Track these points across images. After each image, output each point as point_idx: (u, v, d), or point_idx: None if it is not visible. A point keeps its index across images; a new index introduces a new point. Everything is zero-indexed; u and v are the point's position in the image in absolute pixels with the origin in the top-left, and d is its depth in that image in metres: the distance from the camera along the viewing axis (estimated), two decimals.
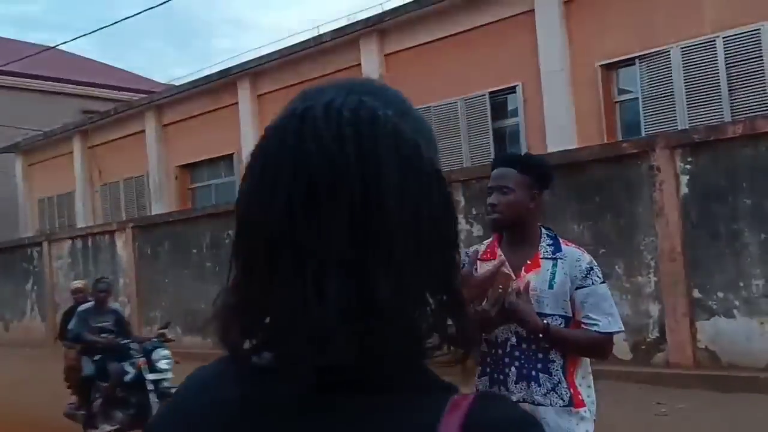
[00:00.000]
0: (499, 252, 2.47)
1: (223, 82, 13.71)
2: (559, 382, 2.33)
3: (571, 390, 2.35)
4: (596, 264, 2.44)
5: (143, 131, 15.73)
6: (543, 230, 2.49)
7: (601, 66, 9.46)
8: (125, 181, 16.57)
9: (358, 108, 0.60)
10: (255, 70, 13.34)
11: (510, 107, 10.72)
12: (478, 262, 2.50)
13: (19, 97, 27.84)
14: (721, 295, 6.73)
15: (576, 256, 2.41)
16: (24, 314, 15.53)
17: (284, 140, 0.60)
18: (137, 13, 11.51)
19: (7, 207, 20.39)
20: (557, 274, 2.37)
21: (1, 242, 16.80)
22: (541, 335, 2.28)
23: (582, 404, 2.36)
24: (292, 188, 0.57)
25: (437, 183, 0.62)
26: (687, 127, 8.17)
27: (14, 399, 8.58)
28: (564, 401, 2.32)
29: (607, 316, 2.37)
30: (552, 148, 8.88)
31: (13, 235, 18.16)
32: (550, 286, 2.35)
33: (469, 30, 10.60)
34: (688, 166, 6.97)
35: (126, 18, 13.14)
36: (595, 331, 2.35)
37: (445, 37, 10.88)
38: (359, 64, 11.85)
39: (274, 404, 0.59)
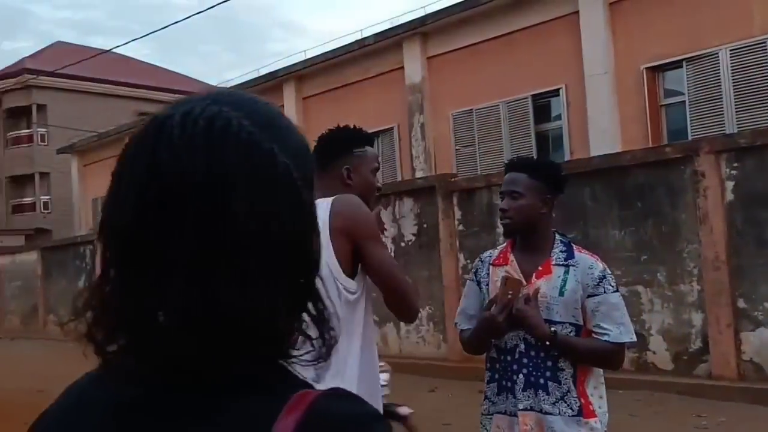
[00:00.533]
0: (511, 257, 2.45)
1: (270, 84, 13.92)
2: (569, 391, 2.28)
3: (582, 400, 2.30)
4: (610, 272, 2.39)
5: None
6: (557, 236, 2.45)
7: (647, 69, 9.26)
8: None
9: (213, 118, 0.61)
10: (300, 73, 13.51)
11: (553, 110, 10.60)
12: (491, 267, 2.49)
13: (79, 100, 28.89)
14: (767, 305, 6.50)
15: (589, 263, 2.36)
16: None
17: (142, 146, 0.61)
18: (188, 17, 11.73)
19: (65, 206, 21.17)
20: (569, 281, 2.33)
21: (56, 240, 17.40)
22: (548, 343, 2.25)
23: (592, 415, 2.31)
24: (143, 194, 0.59)
25: (293, 195, 0.62)
26: (735, 131, 7.92)
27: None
28: (573, 411, 2.28)
29: (618, 325, 2.31)
30: (595, 152, 8.74)
31: (69, 234, 18.81)
32: (561, 293, 2.32)
33: (512, 32, 10.52)
34: (733, 172, 6.75)
35: (176, 22, 13.51)
36: (605, 341, 2.31)
37: (488, 39, 10.82)
38: (402, 67, 11.89)
39: (126, 404, 0.61)
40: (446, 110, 11.49)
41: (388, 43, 11.96)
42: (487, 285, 2.47)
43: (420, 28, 11.58)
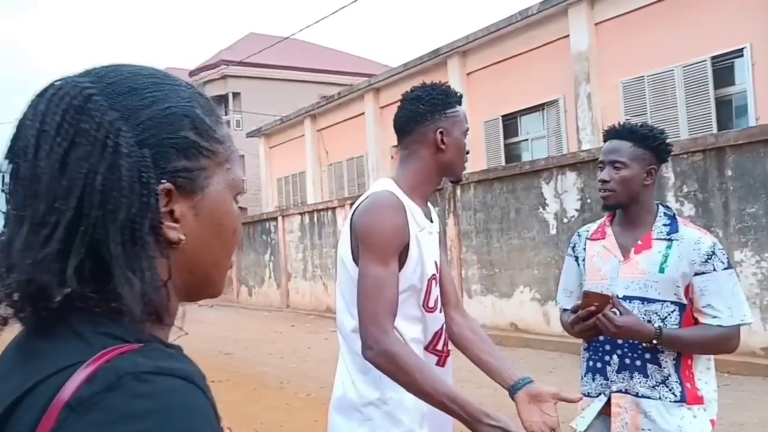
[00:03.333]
0: (608, 231, 2.31)
1: (434, 62, 13.97)
2: (669, 375, 2.12)
3: (688, 384, 2.13)
4: (721, 248, 2.16)
5: (363, 114, 16.67)
6: (660, 208, 2.26)
7: None
8: (348, 161, 17.73)
9: (62, 86, 0.69)
10: (463, 49, 13.41)
11: (736, 72, 9.57)
12: (588, 241, 2.36)
13: (268, 86, 31.01)
14: None
15: (695, 237, 2.15)
16: (263, 281, 17.38)
17: (25, 108, 0.71)
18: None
19: (255, 186, 22.95)
20: (671, 257, 2.14)
21: (245, 217, 18.93)
22: (654, 342, 2.08)
23: (699, 400, 2.13)
24: (13, 147, 0.69)
25: (116, 158, 0.67)
26: None
27: (247, 355, 9.73)
28: (675, 396, 2.11)
29: (730, 307, 2.10)
30: None
31: (257, 211, 20.38)
32: (661, 270, 2.14)
33: None
34: None
35: (343, 7, 13.92)
36: (717, 325, 2.10)
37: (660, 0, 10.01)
38: (567, 36, 11.37)
39: (14, 344, 0.71)
40: (615, 78, 10.82)
41: (552, 11, 11.47)
42: (584, 260, 2.35)
43: None
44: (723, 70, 9.65)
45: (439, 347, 1.99)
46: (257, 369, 8.51)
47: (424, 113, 1.95)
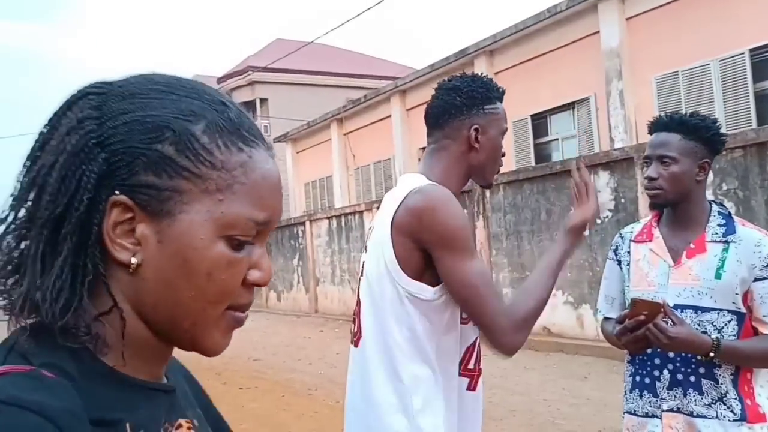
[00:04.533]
0: (656, 233, 2.11)
1: (461, 62, 13.78)
2: (727, 392, 1.92)
3: (748, 401, 1.93)
4: None
5: (390, 116, 16.53)
6: (714, 207, 2.06)
7: None
8: (375, 164, 17.61)
9: (69, 95, 0.69)
10: (491, 48, 13.20)
11: None
12: (632, 244, 2.17)
13: (295, 91, 31.14)
14: None
15: (755, 239, 1.95)
16: (292, 286, 17.33)
17: None
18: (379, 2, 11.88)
19: (284, 190, 23.04)
20: (728, 261, 1.94)
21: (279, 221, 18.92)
22: (712, 354, 1.88)
23: (761, 418, 1.92)
24: None
25: (60, 153, 0.64)
26: None
27: (275, 361, 9.67)
28: (735, 414, 1.91)
29: None
30: None
31: (285, 216, 20.37)
32: (718, 276, 1.94)
33: None
34: None
35: (368, 8, 13.90)
36: None
37: None
38: (597, 32, 11.09)
39: None
40: (648, 74, 10.51)
41: (582, 7, 11.21)
42: (628, 264, 2.16)
43: None
44: (762, 62, 9.30)
45: (471, 365, 1.75)
46: (286, 376, 8.43)
47: (461, 106, 1.75)
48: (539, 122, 12.78)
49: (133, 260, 0.64)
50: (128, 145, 0.64)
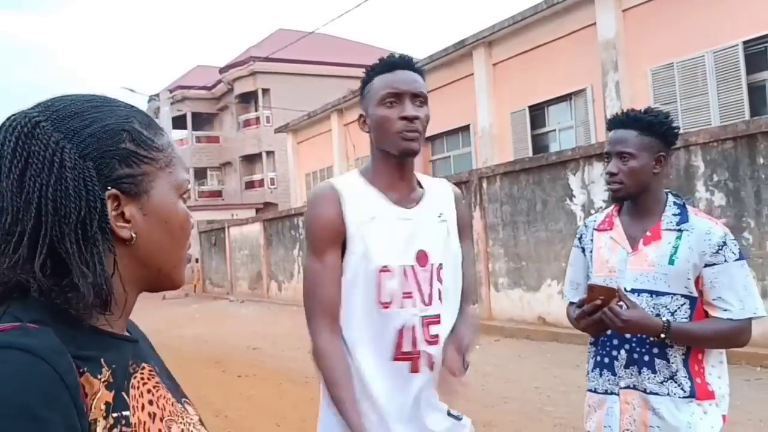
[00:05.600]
0: (616, 222, 2.23)
1: (459, 53, 13.85)
2: (678, 371, 2.04)
3: (698, 379, 2.04)
4: (732, 238, 2.07)
5: None
6: (670, 197, 2.18)
7: None
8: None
9: (14, 117, 0.82)
10: (489, 39, 13.26)
11: None
12: (595, 232, 2.29)
13: (297, 82, 31.14)
14: None
15: (706, 227, 2.06)
16: (292, 276, 17.47)
17: None
18: None
19: (284, 181, 23.10)
20: (680, 248, 2.06)
21: (274, 213, 19.03)
22: (663, 336, 2.00)
23: (709, 395, 2.04)
24: None
25: (62, 171, 0.79)
26: None
27: (275, 350, 9.79)
28: (684, 391, 2.03)
29: (741, 299, 2.01)
30: None
31: (286, 206, 20.49)
32: (671, 262, 2.05)
33: None
34: None
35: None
36: (727, 318, 2.02)
37: None
38: (594, 24, 11.17)
39: None
40: (643, 66, 10.59)
41: None
42: (591, 252, 2.27)
43: None
44: (756, 55, 9.37)
45: (407, 348, 1.73)
46: (284, 364, 8.55)
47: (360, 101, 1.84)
48: (537, 113, 12.86)
49: (133, 234, 0.84)
50: (103, 150, 0.82)
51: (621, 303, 2.01)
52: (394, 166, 1.77)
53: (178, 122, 34.18)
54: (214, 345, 10.64)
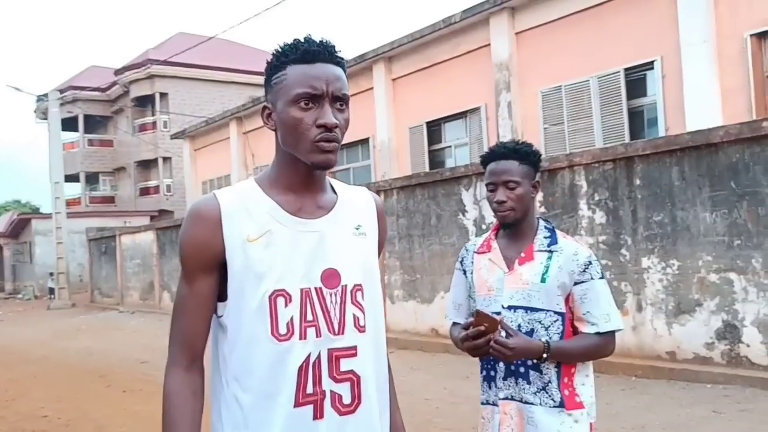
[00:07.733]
0: (494, 245, 2.36)
1: (360, 67, 14.00)
2: (550, 381, 2.18)
3: (567, 391, 2.19)
4: (596, 259, 2.26)
5: None
6: (541, 222, 2.34)
7: (753, 36, 8.49)
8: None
9: None
10: (389, 54, 13.49)
11: (648, 84, 9.98)
12: (475, 255, 2.41)
13: (197, 87, 30.43)
14: None
15: (573, 249, 2.24)
16: None
17: None
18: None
19: (180, 188, 22.47)
20: (551, 268, 2.21)
21: (168, 221, 18.42)
22: (545, 355, 2.14)
23: (578, 406, 2.19)
24: None
25: None
26: None
27: (164, 364, 9.46)
28: (555, 402, 2.17)
29: (606, 314, 2.19)
30: (693, 129, 8.15)
31: (178, 215, 19.89)
32: (543, 280, 2.21)
33: (603, 2, 9.99)
34: None
35: (275, 5, 13.79)
36: (595, 333, 2.18)
37: (578, 11, 10.35)
38: (489, 44, 11.59)
39: None
40: (534, 87, 11.10)
41: (475, 19, 11.68)
42: (472, 273, 2.40)
43: (508, 2, 11.21)
44: (635, 81, 10.04)
45: (310, 389, 1.40)
46: None
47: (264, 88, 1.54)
48: (434, 129, 13.18)
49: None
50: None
51: (503, 332, 2.13)
52: (298, 173, 1.48)
53: (69, 124, 32.64)
54: (100, 358, 10.20)
